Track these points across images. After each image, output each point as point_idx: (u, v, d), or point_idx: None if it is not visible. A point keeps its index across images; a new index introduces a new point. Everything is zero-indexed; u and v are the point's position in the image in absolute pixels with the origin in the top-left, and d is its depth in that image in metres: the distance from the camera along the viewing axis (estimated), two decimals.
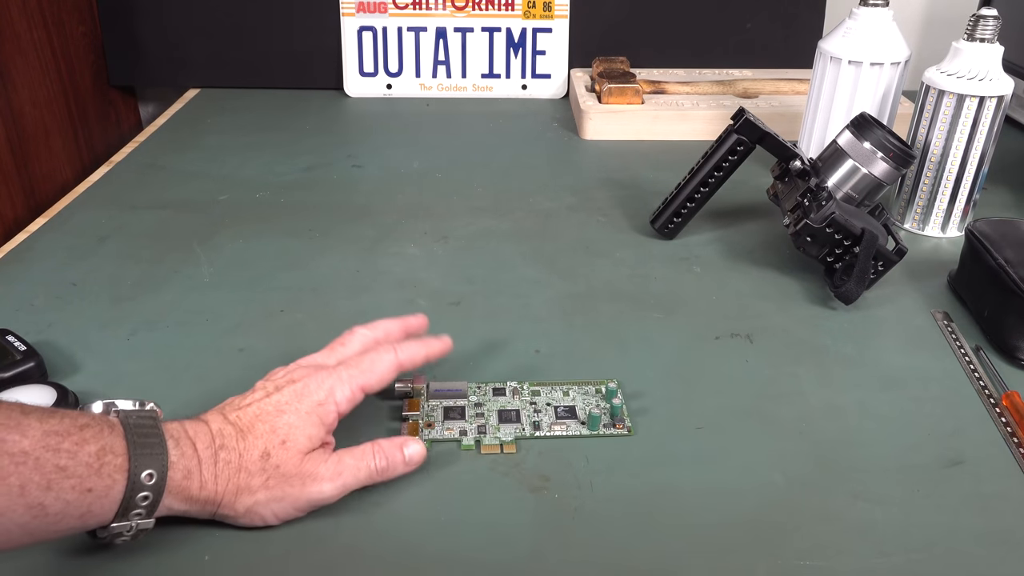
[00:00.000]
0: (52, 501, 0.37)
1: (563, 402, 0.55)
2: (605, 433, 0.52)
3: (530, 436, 0.52)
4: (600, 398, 0.55)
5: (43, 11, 0.97)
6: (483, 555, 0.44)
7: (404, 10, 1.11)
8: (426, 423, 0.53)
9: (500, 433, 0.52)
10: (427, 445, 0.51)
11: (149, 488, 0.40)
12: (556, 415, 0.54)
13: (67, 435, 0.38)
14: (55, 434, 0.38)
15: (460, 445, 0.52)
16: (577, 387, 0.56)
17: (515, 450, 0.51)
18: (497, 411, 0.54)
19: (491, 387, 0.56)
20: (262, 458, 0.44)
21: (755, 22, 1.15)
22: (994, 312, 0.63)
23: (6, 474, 0.36)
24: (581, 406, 0.55)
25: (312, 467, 0.45)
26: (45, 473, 0.37)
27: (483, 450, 0.51)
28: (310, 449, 0.45)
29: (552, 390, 0.56)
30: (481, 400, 0.55)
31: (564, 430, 0.53)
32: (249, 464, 0.43)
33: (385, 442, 0.48)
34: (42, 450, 0.37)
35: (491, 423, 0.53)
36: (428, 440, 0.52)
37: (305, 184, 0.88)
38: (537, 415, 0.54)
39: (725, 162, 0.73)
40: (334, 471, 0.46)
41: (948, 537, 0.46)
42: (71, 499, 0.38)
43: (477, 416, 0.54)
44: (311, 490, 0.45)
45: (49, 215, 0.81)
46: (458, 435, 0.52)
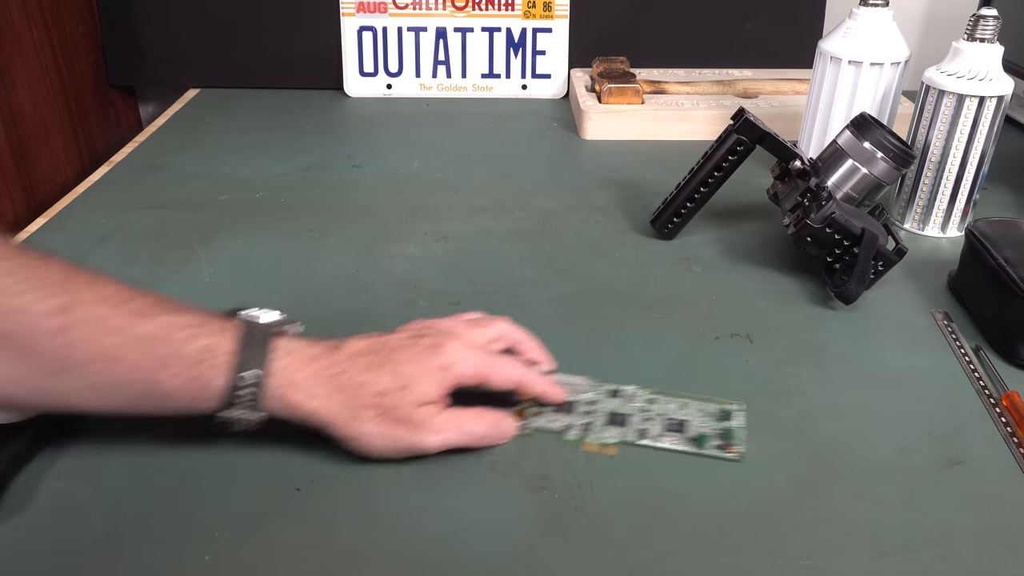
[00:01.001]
0: (164, 379, 0.44)
1: (676, 415, 0.54)
2: (712, 454, 0.51)
3: (633, 443, 0.52)
4: (716, 418, 0.54)
5: (43, 11, 0.97)
6: (483, 555, 0.44)
7: (404, 10, 1.11)
8: (536, 412, 0.54)
9: (605, 434, 0.53)
10: (530, 432, 0.53)
11: (249, 386, 0.45)
12: (666, 427, 0.53)
13: (185, 327, 0.45)
14: (174, 327, 0.45)
15: (562, 438, 0.53)
16: (697, 402, 0.55)
17: (616, 452, 0.51)
18: (608, 412, 0.54)
19: (608, 387, 0.57)
20: (379, 395, 0.47)
21: (755, 22, 1.15)
22: (994, 312, 0.63)
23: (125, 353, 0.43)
24: (696, 423, 0.54)
25: (423, 417, 0.48)
26: (157, 356, 0.44)
27: (584, 447, 0.52)
28: (424, 403, 0.48)
29: (669, 401, 0.55)
30: (595, 398, 0.56)
31: (671, 443, 0.52)
32: (365, 397, 0.47)
33: (489, 413, 0.51)
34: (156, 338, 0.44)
35: (598, 423, 0.54)
36: (533, 428, 0.53)
37: (305, 184, 0.88)
38: (647, 423, 0.54)
39: (725, 162, 0.73)
40: (440, 426, 0.49)
41: (948, 537, 0.46)
42: (177, 384, 0.44)
43: (587, 413, 0.54)
44: (416, 438, 0.48)
45: (49, 215, 0.81)
46: (562, 428, 0.53)
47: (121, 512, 0.47)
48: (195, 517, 0.46)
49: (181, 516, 0.46)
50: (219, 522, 0.46)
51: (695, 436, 0.52)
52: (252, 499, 0.47)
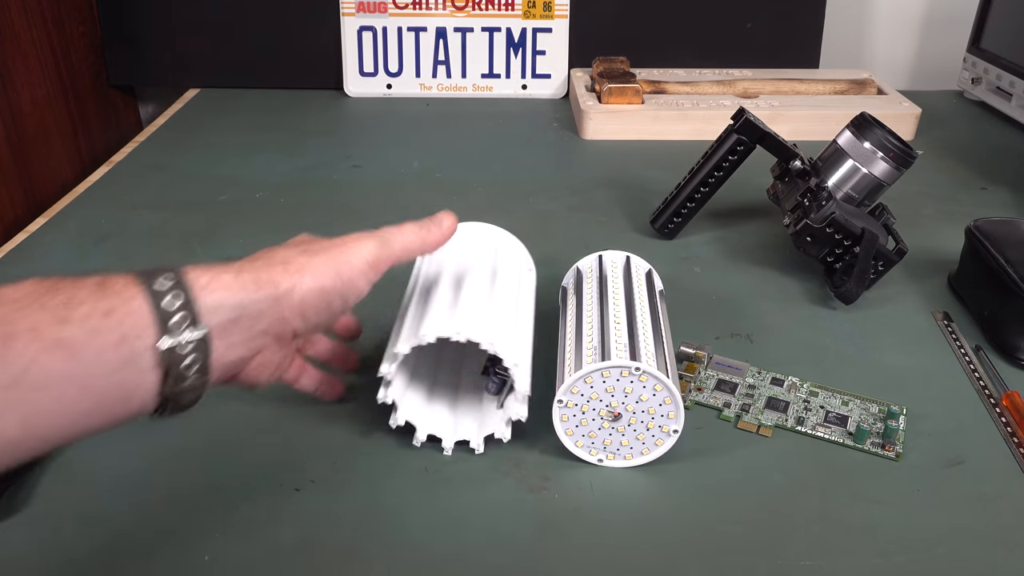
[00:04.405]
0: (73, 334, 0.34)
1: (839, 410, 0.55)
2: (870, 450, 0.52)
3: (791, 428, 0.53)
4: (878, 417, 0.54)
5: (43, 11, 0.97)
6: (483, 555, 0.44)
7: (404, 10, 1.11)
8: (696, 387, 0.56)
9: (763, 416, 0.54)
10: (689, 405, 0.55)
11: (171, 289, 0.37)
12: (825, 418, 0.54)
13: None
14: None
15: (720, 415, 0.54)
16: (858, 400, 0.56)
17: (770, 434, 0.53)
18: (768, 397, 0.56)
19: (771, 375, 0.58)
20: (292, 245, 0.45)
21: (755, 22, 1.15)
22: (994, 312, 0.63)
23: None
24: (855, 418, 0.54)
25: (350, 236, 0.45)
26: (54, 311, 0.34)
27: (739, 425, 0.53)
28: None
29: (832, 396, 0.56)
30: (756, 383, 0.57)
31: (827, 434, 0.53)
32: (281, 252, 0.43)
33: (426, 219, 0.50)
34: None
35: (757, 405, 0.55)
36: (692, 401, 0.55)
37: (305, 184, 0.88)
38: (806, 412, 0.54)
39: (725, 162, 0.73)
40: (373, 233, 0.46)
41: (948, 537, 0.46)
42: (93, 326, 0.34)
43: (746, 396, 0.56)
44: (352, 247, 0.45)
45: (49, 215, 0.81)
46: (721, 406, 0.55)
47: (121, 512, 0.46)
48: (195, 517, 0.46)
49: (181, 516, 0.46)
50: (219, 522, 0.46)
51: (854, 431, 0.53)
52: (252, 499, 0.47)
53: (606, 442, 0.49)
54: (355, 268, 0.44)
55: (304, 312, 0.43)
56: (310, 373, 0.51)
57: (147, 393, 0.36)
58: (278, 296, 0.41)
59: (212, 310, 0.38)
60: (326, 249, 0.44)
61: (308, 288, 0.42)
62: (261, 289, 0.41)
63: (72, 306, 0.34)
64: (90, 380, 0.34)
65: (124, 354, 0.35)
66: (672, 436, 0.49)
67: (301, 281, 0.42)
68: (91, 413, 0.35)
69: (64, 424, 0.34)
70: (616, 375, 0.47)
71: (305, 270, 0.43)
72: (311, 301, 0.43)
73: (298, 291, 0.42)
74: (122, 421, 0.36)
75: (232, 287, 0.39)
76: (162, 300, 0.36)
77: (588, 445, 0.50)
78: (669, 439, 0.49)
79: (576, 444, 0.50)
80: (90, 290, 0.35)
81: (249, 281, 0.40)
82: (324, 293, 0.43)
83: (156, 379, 0.36)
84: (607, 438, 0.49)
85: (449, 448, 0.51)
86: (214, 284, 0.39)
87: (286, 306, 0.42)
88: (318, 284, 0.43)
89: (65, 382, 0.33)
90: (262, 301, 0.40)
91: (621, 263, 0.58)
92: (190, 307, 0.37)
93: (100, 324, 0.35)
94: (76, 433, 0.35)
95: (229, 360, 0.40)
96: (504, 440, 0.50)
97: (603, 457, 0.50)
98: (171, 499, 0.47)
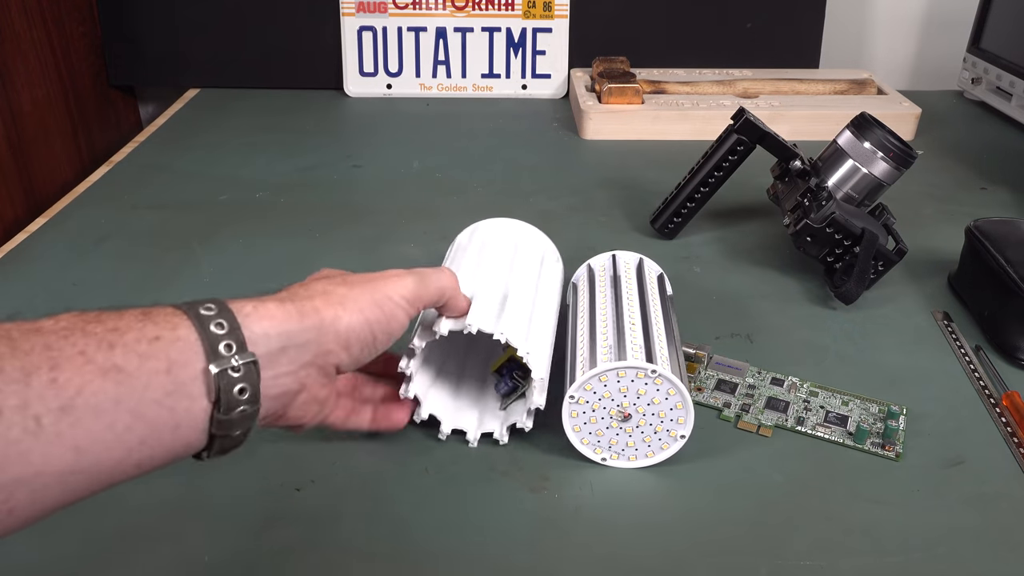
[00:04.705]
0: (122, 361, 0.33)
1: (839, 410, 0.55)
2: (870, 450, 0.52)
3: (791, 428, 0.53)
4: (879, 418, 0.54)
5: (43, 11, 0.97)
6: (483, 555, 0.44)
7: (404, 10, 1.11)
8: (696, 387, 0.56)
9: (763, 416, 0.54)
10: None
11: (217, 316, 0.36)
12: (825, 418, 0.54)
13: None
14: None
15: (720, 415, 0.54)
16: (858, 400, 0.56)
17: (770, 434, 0.53)
18: (767, 397, 0.56)
19: (771, 375, 0.58)
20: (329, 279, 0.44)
21: (755, 22, 1.15)
22: (994, 312, 0.63)
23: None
24: (855, 418, 0.54)
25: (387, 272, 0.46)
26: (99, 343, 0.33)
27: (739, 425, 0.53)
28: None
29: (832, 396, 0.56)
30: (756, 383, 0.57)
31: (827, 434, 0.53)
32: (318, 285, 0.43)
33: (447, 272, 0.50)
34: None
35: (757, 405, 0.55)
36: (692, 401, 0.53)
37: (305, 184, 0.88)
38: (806, 412, 0.55)
39: (725, 162, 0.73)
40: (411, 271, 0.46)
41: (948, 537, 0.46)
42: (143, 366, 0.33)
43: (746, 396, 0.56)
44: (392, 282, 0.45)
45: (49, 215, 0.81)
46: (721, 406, 0.55)
47: (120, 512, 0.46)
48: (195, 517, 0.46)
49: (181, 515, 0.46)
50: (219, 522, 0.46)
51: (854, 431, 0.53)
52: (252, 499, 0.47)
53: (612, 442, 0.49)
54: (395, 302, 0.44)
55: (348, 344, 0.42)
56: (359, 410, 0.50)
57: (198, 422, 0.35)
58: (322, 327, 0.41)
59: (258, 338, 0.37)
60: (365, 282, 0.44)
61: (352, 319, 0.42)
62: (306, 319, 0.40)
63: (119, 332, 0.34)
64: (142, 407, 0.33)
65: (174, 380, 0.34)
66: (679, 441, 0.49)
67: (344, 312, 0.42)
68: (144, 442, 0.34)
69: (118, 455, 0.33)
70: (631, 376, 0.47)
71: (347, 301, 0.42)
72: (355, 332, 0.42)
73: (343, 321, 0.42)
74: (174, 454, 0.35)
75: (277, 316, 0.39)
76: (209, 325, 0.36)
77: (594, 443, 0.50)
78: (675, 443, 0.49)
79: (582, 441, 0.50)
80: (134, 318, 0.35)
81: (293, 311, 0.40)
82: (368, 324, 0.43)
83: (206, 406, 0.35)
84: (614, 438, 0.49)
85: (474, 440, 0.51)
86: (259, 313, 0.38)
87: (331, 337, 0.41)
88: (362, 316, 0.43)
89: (117, 408, 0.33)
90: (307, 331, 0.40)
91: (634, 264, 0.59)
92: (237, 333, 0.36)
93: (148, 350, 0.34)
94: (129, 466, 0.34)
95: (276, 392, 0.39)
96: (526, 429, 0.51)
97: (607, 456, 0.50)
98: (171, 499, 0.47)
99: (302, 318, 0.40)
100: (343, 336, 0.42)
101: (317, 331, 0.40)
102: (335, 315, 0.41)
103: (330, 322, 0.41)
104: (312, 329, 0.40)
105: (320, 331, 0.40)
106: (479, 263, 0.55)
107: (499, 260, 0.56)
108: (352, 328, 0.42)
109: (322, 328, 0.41)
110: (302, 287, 0.43)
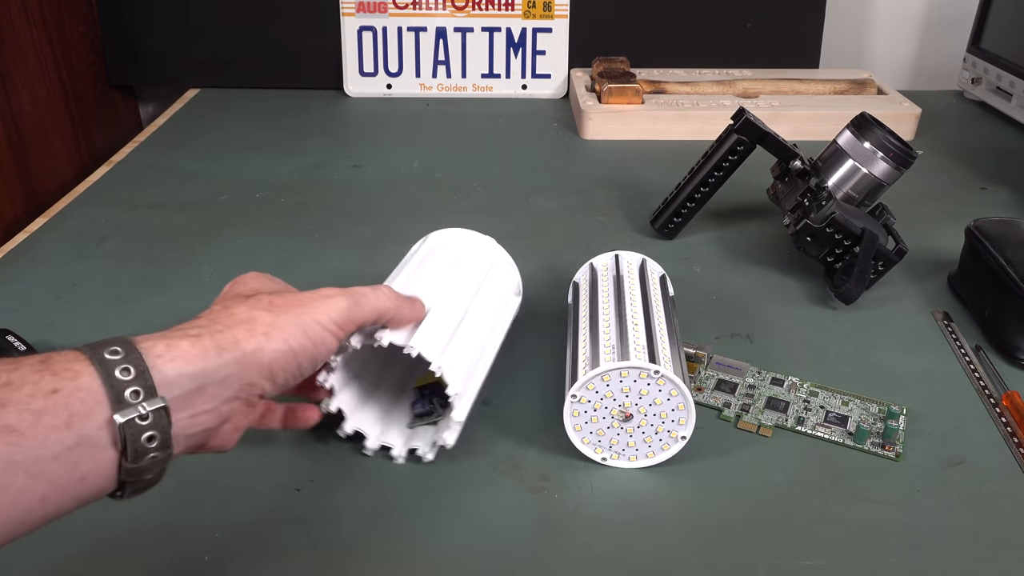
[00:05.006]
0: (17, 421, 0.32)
1: (839, 410, 0.55)
2: (870, 450, 0.52)
3: (791, 428, 0.53)
4: (879, 418, 0.54)
5: (43, 11, 0.97)
6: (483, 555, 0.44)
7: (404, 10, 1.11)
8: (696, 387, 0.56)
9: (763, 416, 0.54)
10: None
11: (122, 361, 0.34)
12: (825, 418, 0.54)
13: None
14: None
15: (720, 415, 0.54)
16: (858, 400, 0.56)
17: (770, 434, 0.53)
18: (767, 397, 0.56)
19: (771, 375, 0.58)
20: (254, 301, 0.42)
21: (755, 22, 1.15)
22: (994, 312, 0.63)
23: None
24: (855, 418, 0.54)
25: (318, 293, 0.43)
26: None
27: (739, 425, 0.53)
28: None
29: (832, 396, 0.56)
30: (756, 383, 0.57)
31: (827, 434, 0.53)
32: (241, 310, 0.41)
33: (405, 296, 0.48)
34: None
35: (757, 405, 0.55)
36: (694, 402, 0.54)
37: (305, 184, 0.88)
38: (806, 412, 0.55)
39: (725, 162, 0.73)
40: (345, 290, 0.44)
41: (948, 537, 0.46)
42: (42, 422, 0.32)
43: (746, 396, 0.56)
44: (320, 305, 0.43)
45: (49, 215, 0.81)
46: (721, 406, 0.55)
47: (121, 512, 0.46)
48: (195, 517, 0.46)
49: (181, 516, 0.46)
50: (219, 522, 0.46)
51: (854, 431, 0.53)
52: (252, 499, 0.48)
53: (613, 441, 0.49)
54: (323, 327, 0.42)
55: (272, 374, 0.40)
56: (272, 409, 0.48)
57: (105, 471, 0.34)
58: (244, 359, 0.39)
59: (170, 382, 0.35)
60: (292, 306, 0.42)
61: (275, 349, 0.40)
62: (225, 353, 0.38)
63: (12, 387, 0.32)
64: (39, 466, 0.31)
65: (75, 434, 0.32)
66: (680, 442, 0.49)
67: (268, 342, 0.40)
68: (46, 499, 0.32)
69: (16, 514, 0.31)
70: (634, 376, 0.47)
71: (272, 331, 0.40)
72: (279, 363, 0.40)
73: (266, 353, 0.40)
74: (81, 502, 0.34)
75: (191, 354, 0.37)
76: (114, 371, 0.34)
77: (595, 443, 0.50)
78: (676, 444, 0.49)
79: (583, 441, 0.50)
80: (31, 369, 0.33)
81: (211, 346, 0.38)
82: (293, 354, 0.41)
83: (113, 457, 0.34)
84: (615, 437, 0.49)
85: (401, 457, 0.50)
86: (171, 352, 0.36)
87: (254, 369, 0.39)
88: (286, 346, 0.40)
89: (11, 469, 0.31)
90: (227, 366, 0.38)
91: (637, 264, 0.59)
92: (144, 377, 0.35)
93: (44, 405, 0.32)
94: (33, 521, 0.32)
95: (195, 431, 0.37)
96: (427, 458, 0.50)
97: (608, 456, 0.50)
98: (170, 499, 0.47)
99: (220, 353, 0.38)
100: (266, 367, 0.40)
101: (239, 364, 0.38)
102: (257, 346, 0.39)
103: (252, 353, 0.39)
104: (232, 364, 0.38)
105: (242, 364, 0.39)
106: (414, 276, 0.53)
107: (437, 272, 0.54)
108: (276, 359, 0.40)
109: (244, 361, 0.39)
110: (225, 310, 0.41)
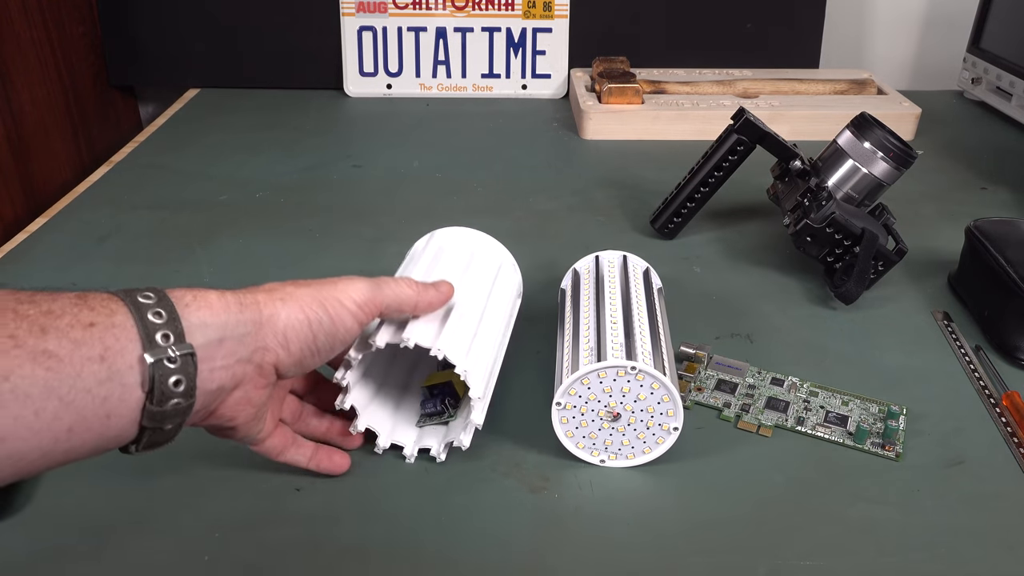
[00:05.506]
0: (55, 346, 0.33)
1: (839, 410, 0.55)
2: (870, 450, 0.52)
3: (791, 428, 0.53)
4: (879, 418, 0.54)
5: (43, 11, 0.97)
6: (483, 555, 0.44)
7: (404, 10, 1.11)
8: (696, 387, 0.56)
9: (763, 416, 0.54)
10: (689, 405, 0.55)
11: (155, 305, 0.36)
12: (825, 418, 0.54)
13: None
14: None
15: (720, 415, 0.54)
16: (858, 400, 0.56)
17: (770, 434, 0.53)
18: (767, 397, 0.56)
19: (771, 375, 0.58)
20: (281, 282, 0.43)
21: (755, 22, 1.15)
22: (994, 312, 0.63)
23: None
24: (855, 418, 0.54)
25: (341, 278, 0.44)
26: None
27: (739, 425, 0.54)
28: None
29: (832, 396, 0.56)
30: (756, 383, 0.57)
31: (827, 434, 0.53)
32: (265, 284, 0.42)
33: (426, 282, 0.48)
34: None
35: (757, 405, 0.55)
36: (692, 401, 0.55)
37: (305, 184, 0.88)
38: (806, 412, 0.55)
39: (725, 162, 0.73)
40: (368, 278, 0.45)
41: (948, 537, 0.46)
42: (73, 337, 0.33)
43: (747, 396, 0.56)
44: (342, 285, 0.43)
45: (49, 215, 0.81)
46: (721, 406, 0.55)
47: (121, 512, 0.46)
48: (195, 517, 0.46)
49: (181, 516, 0.46)
50: (219, 522, 0.46)
51: (854, 431, 0.53)
52: (252, 499, 0.47)
53: (607, 442, 0.49)
54: (343, 305, 0.43)
55: (287, 341, 0.41)
56: (300, 443, 0.48)
57: (130, 412, 0.35)
58: (260, 320, 0.40)
59: (196, 328, 0.37)
60: (315, 284, 0.43)
61: (291, 316, 0.41)
62: (245, 311, 0.39)
63: (53, 316, 0.33)
64: (72, 394, 0.32)
65: (108, 368, 0.33)
66: (673, 434, 0.49)
67: (284, 307, 0.41)
68: (72, 431, 0.33)
69: (43, 442, 0.32)
70: (613, 375, 0.47)
71: (290, 299, 0.41)
72: (294, 329, 0.41)
73: (281, 317, 0.41)
74: (101, 445, 0.35)
75: (215, 307, 0.38)
76: (146, 314, 0.35)
77: (589, 446, 0.50)
78: (670, 437, 0.49)
79: (577, 446, 0.50)
80: (70, 302, 0.34)
81: (233, 302, 0.39)
82: (308, 323, 0.42)
83: (139, 396, 0.34)
84: (608, 438, 0.49)
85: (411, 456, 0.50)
86: (198, 302, 0.37)
87: (269, 332, 0.40)
88: (303, 313, 0.41)
89: (47, 394, 0.32)
90: (245, 323, 0.39)
91: (618, 262, 0.58)
92: (175, 323, 0.36)
93: (83, 336, 0.33)
94: (56, 455, 0.33)
95: (211, 387, 0.38)
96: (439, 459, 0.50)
97: (605, 457, 0.50)
98: (170, 499, 0.47)
99: (241, 309, 0.39)
100: (281, 332, 0.41)
101: (255, 324, 0.39)
102: (274, 311, 0.40)
103: (268, 317, 0.40)
104: (250, 322, 0.39)
105: (258, 325, 0.40)
106: (431, 271, 0.53)
107: (451, 271, 0.53)
108: (291, 324, 0.41)
109: (260, 322, 0.40)
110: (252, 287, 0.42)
